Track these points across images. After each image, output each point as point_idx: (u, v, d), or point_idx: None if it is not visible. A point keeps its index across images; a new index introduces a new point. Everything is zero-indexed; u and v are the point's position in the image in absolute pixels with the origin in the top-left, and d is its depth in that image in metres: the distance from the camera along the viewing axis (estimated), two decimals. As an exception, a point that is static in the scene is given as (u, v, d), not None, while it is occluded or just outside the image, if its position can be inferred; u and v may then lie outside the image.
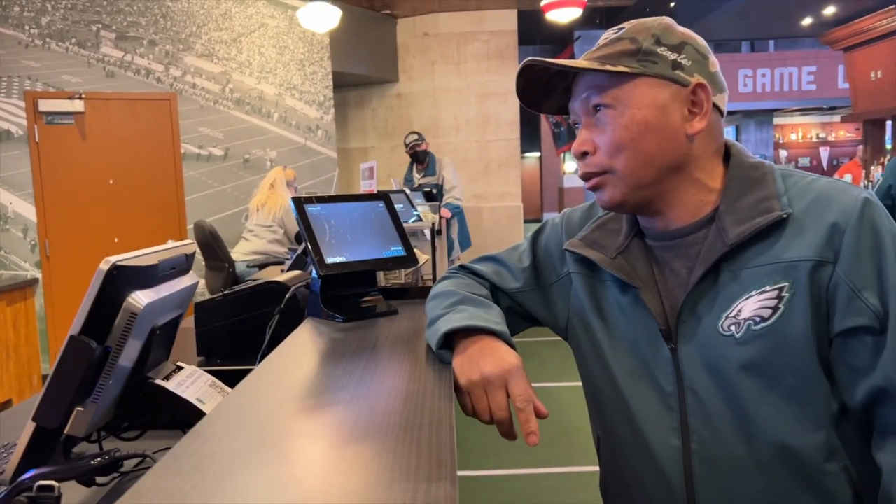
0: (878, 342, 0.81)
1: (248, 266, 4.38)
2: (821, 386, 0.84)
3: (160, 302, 1.05)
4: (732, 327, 0.86)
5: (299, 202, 1.30)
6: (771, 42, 17.40)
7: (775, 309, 0.83)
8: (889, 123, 9.31)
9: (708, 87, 0.91)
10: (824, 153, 18.24)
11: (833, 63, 14.34)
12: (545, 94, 0.99)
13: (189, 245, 1.21)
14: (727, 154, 0.96)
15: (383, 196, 1.45)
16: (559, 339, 1.21)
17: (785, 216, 0.85)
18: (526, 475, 3.39)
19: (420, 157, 5.61)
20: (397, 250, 1.39)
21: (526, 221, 7.77)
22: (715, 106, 0.93)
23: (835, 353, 0.84)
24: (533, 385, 1.06)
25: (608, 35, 0.95)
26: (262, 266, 4.09)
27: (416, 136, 5.61)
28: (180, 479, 0.64)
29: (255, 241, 4.50)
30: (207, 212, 5.45)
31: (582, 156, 0.94)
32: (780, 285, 0.84)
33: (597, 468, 1.12)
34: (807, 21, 12.57)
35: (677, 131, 0.90)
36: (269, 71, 5.79)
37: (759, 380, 0.84)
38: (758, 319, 0.84)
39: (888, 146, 9.58)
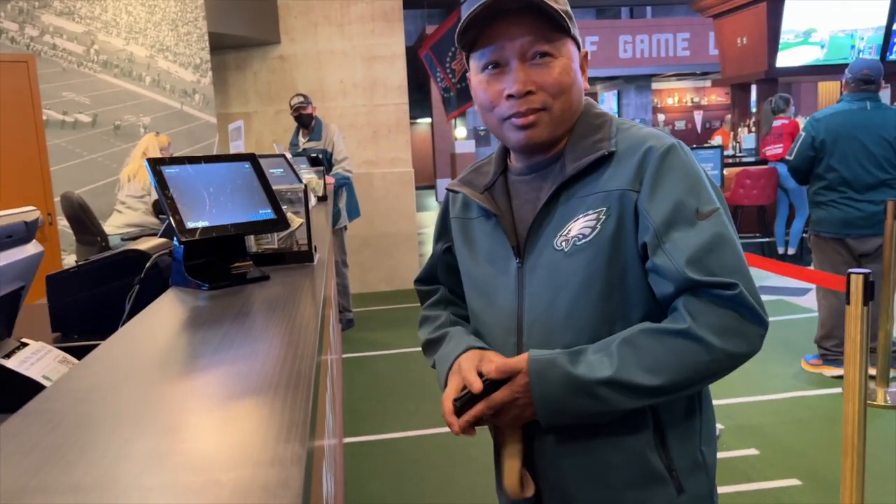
0: (657, 249, 0.99)
1: (122, 239, 4.14)
2: (623, 289, 1.02)
3: (-7, 274, 0.96)
4: (563, 243, 1.04)
5: (154, 164, 1.22)
6: (648, 8, 18.02)
7: (594, 228, 1.01)
8: (754, 87, 9.90)
9: (587, 52, 1.11)
10: (698, 116, 19.22)
11: (705, 30, 15.05)
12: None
13: (29, 212, 1.11)
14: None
15: (249, 157, 1.38)
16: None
17: (608, 153, 1.03)
18: (419, 436, 3.43)
19: (304, 121, 5.36)
20: (266, 213, 1.34)
21: (418, 188, 7.76)
22: None
23: (648, 265, 1.01)
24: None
25: None
26: (136, 238, 3.88)
27: (300, 99, 5.36)
28: None
29: (129, 214, 4.25)
30: (76, 183, 5.08)
31: (525, 94, 1.03)
32: (598, 209, 1.02)
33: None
34: (681, -12, 13.08)
35: (581, 87, 1.08)
36: (139, 31, 5.42)
37: (578, 284, 1.02)
38: (580, 237, 1.02)
39: (753, 109, 10.20)
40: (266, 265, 1.45)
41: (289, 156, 3.19)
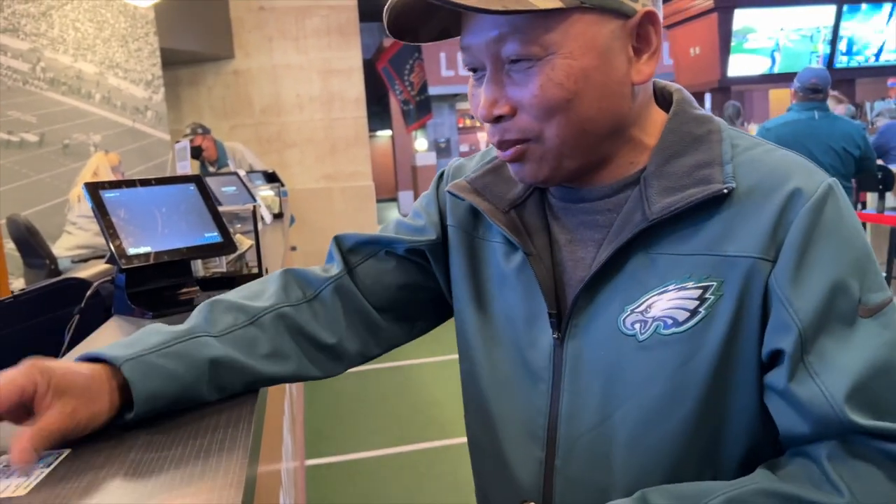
0: (797, 366, 0.62)
1: (72, 262, 4.02)
2: (722, 414, 0.66)
3: (-88, 311, 0.90)
4: (637, 325, 0.67)
5: (93, 188, 1.17)
6: (604, 20, 18.29)
7: (694, 312, 0.65)
8: (708, 96, 10.12)
9: (658, 14, 0.68)
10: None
11: (659, 40, 15.37)
12: (424, 18, 0.69)
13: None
14: (667, 100, 0.77)
15: (194, 178, 1.34)
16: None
17: (726, 191, 0.65)
18: (382, 456, 3.38)
19: (195, 154, 5.03)
20: (212, 236, 1.29)
21: (379, 201, 7.71)
22: None
23: (770, 384, 0.65)
24: (386, 364, 0.98)
25: None
26: (87, 261, 3.76)
27: (187, 131, 5.09)
28: None
29: (80, 235, 4.13)
30: (23, 204, 4.92)
31: (496, 120, 0.68)
32: (706, 283, 0.65)
33: (453, 441, 1.09)
34: (634, 0, 13.32)
35: (622, 82, 0.67)
36: (87, 48, 5.30)
37: (656, 397, 0.66)
38: (669, 322, 0.66)
39: (708, 117, 10.40)
40: (214, 290, 1.40)
41: (242, 173, 3.13)
